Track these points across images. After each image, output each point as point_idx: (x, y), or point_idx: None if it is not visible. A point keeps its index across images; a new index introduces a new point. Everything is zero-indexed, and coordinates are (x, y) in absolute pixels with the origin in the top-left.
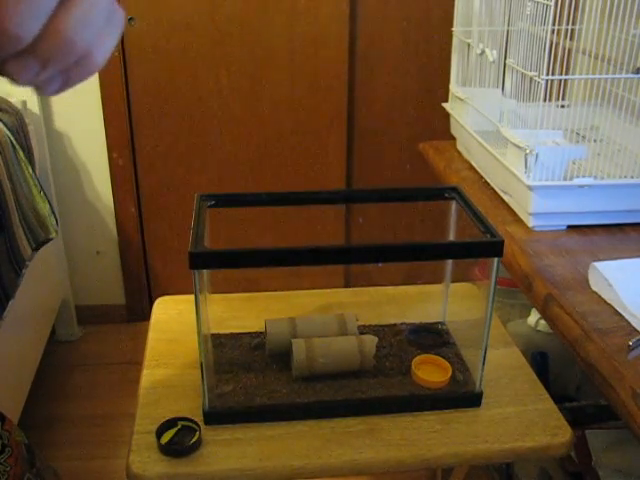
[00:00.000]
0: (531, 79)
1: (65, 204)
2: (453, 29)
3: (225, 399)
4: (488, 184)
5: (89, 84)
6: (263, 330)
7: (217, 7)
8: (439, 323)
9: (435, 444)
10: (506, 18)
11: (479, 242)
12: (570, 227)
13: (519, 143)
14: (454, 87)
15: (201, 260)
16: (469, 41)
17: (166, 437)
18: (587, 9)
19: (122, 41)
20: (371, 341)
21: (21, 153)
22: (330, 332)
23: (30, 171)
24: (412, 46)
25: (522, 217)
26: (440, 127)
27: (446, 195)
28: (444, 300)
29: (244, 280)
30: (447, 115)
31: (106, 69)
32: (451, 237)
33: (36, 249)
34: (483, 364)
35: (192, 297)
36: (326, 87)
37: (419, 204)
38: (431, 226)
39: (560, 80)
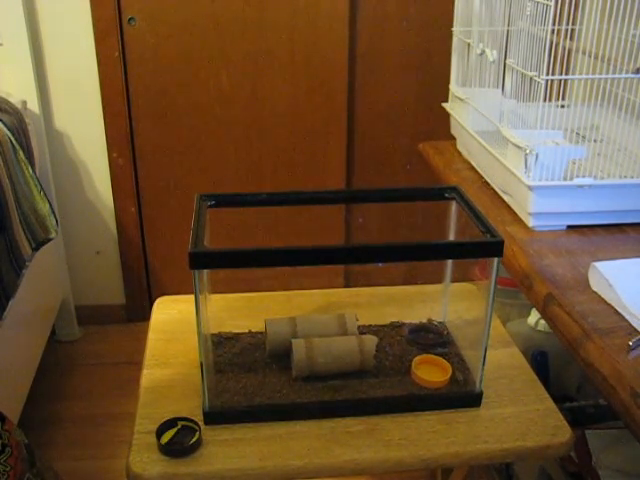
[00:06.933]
0: (531, 79)
1: (65, 204)
2: (453, 29)
3: (225, 399)
4: (488, 184)
5: (89, 84)
6: (263, 330)
7: (217, 7)
8: (439, 323)
9: (435, 444)
10: (506, 18)
11: (479, 242)
12: (570, 227)
13: (519, 143)
14: (454, 87)
15: (201, 260)
16: (469, 41)
17: (166, 437)
18: (587, 9)
19: (122, 41)
20: (371, 341)
21: (21, 153)
22: (330, 332)
23: (30, 171)
24: (412, 46)
25: (522, 217)
26: (440, 127)
27: (446, 195)
28: (444, 300)
29: (244, 280)
30: (447, 115)
31: (106, 69)
32: (451, 237)
33: (36, 249)
34: (483, 364)
35: (192, 297)
36: (326, 87)
37: (419, 204)
38: (431, 226)
39: (560, 80)
